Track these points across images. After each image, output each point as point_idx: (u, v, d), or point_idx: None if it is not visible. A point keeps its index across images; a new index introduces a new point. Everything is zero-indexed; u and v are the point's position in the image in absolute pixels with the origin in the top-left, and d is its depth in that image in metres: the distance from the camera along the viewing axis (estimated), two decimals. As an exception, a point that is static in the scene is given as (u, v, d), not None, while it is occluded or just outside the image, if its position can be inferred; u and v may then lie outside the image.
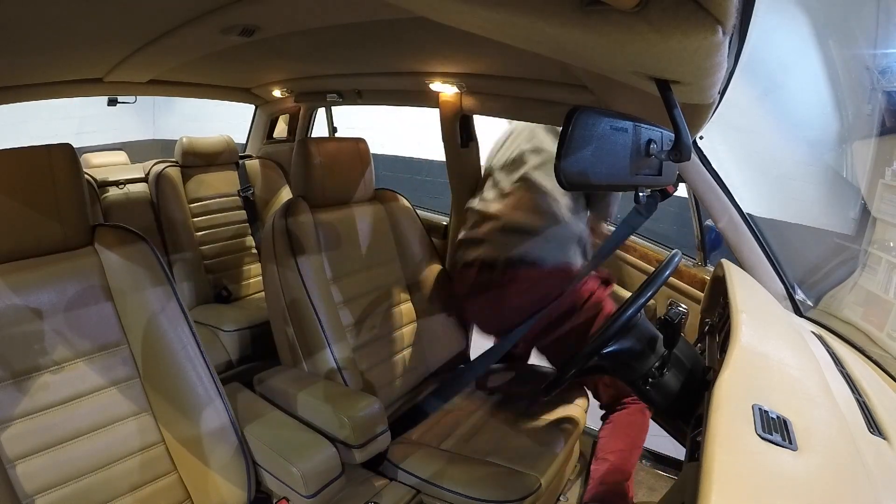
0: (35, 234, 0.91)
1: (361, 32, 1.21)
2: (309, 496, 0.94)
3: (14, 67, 1.38)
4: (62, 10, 0.95)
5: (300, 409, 1.06)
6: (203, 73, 1.90)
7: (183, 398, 0.97)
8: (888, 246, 1.53)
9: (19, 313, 0.87)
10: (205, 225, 2.21)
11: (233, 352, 1.85)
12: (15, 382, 0.86)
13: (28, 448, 0.85)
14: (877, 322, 1.39)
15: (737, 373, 0.67)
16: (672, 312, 0.91)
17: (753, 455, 0.52)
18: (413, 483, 1.12)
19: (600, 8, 0.46)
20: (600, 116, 0.64)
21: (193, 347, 0.99)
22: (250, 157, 2.51)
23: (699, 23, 0.44)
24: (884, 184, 1.55)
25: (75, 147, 0.97)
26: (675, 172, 0.87)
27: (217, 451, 0.97)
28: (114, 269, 0.97)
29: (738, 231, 1.26)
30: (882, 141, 1.62)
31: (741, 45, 0.70)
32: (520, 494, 1.04)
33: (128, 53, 1.40)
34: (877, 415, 0.75)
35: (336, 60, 1.61)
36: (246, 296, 2.25)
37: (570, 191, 1.91)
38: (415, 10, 0.81)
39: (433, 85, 1.60)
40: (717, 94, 0.76)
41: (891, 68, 1.61)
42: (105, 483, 0.91)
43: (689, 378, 0.94)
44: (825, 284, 1.50)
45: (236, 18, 1.10)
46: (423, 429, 1.30)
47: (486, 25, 0.74)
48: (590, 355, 0.96)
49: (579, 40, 0.62)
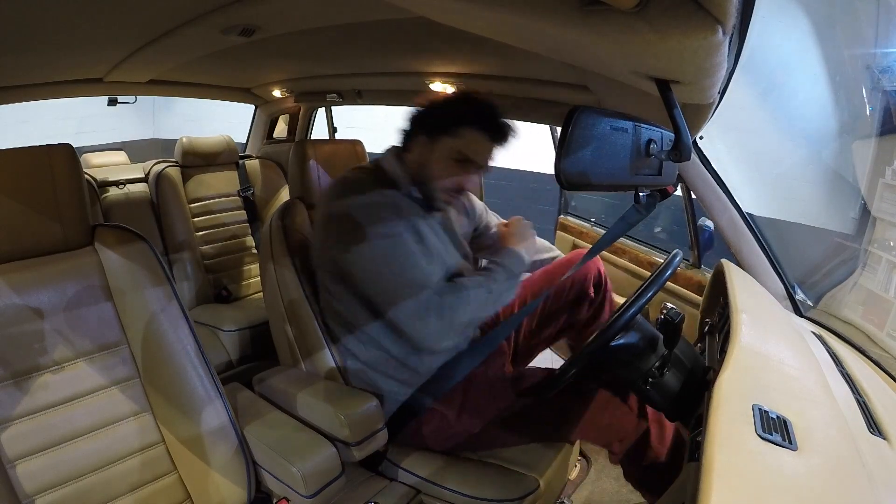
0: (35, 234, 0.92)
1: (361, 32, 1.21)
2: (309, 496, 0.94)
3: (14, 67, 1.39)
4: (62, 10, 0.95)
5: (299, 408, 1.06)
6: (203, 73, 1.90)
7: (183, 398, 0.97)
8: (888, 245, 1.54)
9: (19, 313, 0.87)
10: (205, 225, 2.21)
11: (233, 352, 1.85)
12: (15, 382, 0.86)
13: (28, 448, 0.85)
14: (877, 321, 1.39)
15: (737, 373, 0.67)
16: (672, 312, 0.91)
17: (753, 455, 0.52)
18: (413, 483, 1.12)
19: (600, 8, 0.46)
20: (600, 116, 0.64)
21: (193, 347, 0.99)
22: (250, 157, 2.51)
23: (699, 23, 0.44)
24: (884, 183, 1.55)
25: (75, 147, 0.97)
26: (675, 172, 0.87)
27: (217, 451, 0.97)
28: (114, 269, 0.97)
29: (738, 231, 1.26)
30: (882, 140, 1.62)
31: (741, 45, 0.70)
32: (519, 494, 1.04)
33: (128, 53, 1.40)
34: (877, 415, 0.75)
35: (336, 60, 1.61)
36: (246, 296, 2.25)
37: (570, 191, 1.90)
38: (415, 10, 0.81)
39: (433, 85, 1.60)
40: (717, 94, 0.76)
41: (891, 67, 1.61)
42: (105, 483, 0.91)
43: (689, 378, 0.94)
44: (825, 284, 1.50)
45: (236, 18, 1.10)
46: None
47: (486, 25, 0.74)
48: (590, 355, 0.96)
49: (579, 40, 0.62)
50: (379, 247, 1.06)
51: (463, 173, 1.11)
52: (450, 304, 1.05)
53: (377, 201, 1.09)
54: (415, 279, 1.05)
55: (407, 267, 1.06)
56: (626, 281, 1.72)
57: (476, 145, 1.10)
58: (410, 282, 1.05)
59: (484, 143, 1.10)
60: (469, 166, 1.11)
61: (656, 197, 0.96)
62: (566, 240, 2.12)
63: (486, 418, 1.15)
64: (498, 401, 1.16)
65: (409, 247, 1.07)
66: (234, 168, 2.35)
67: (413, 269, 1.06)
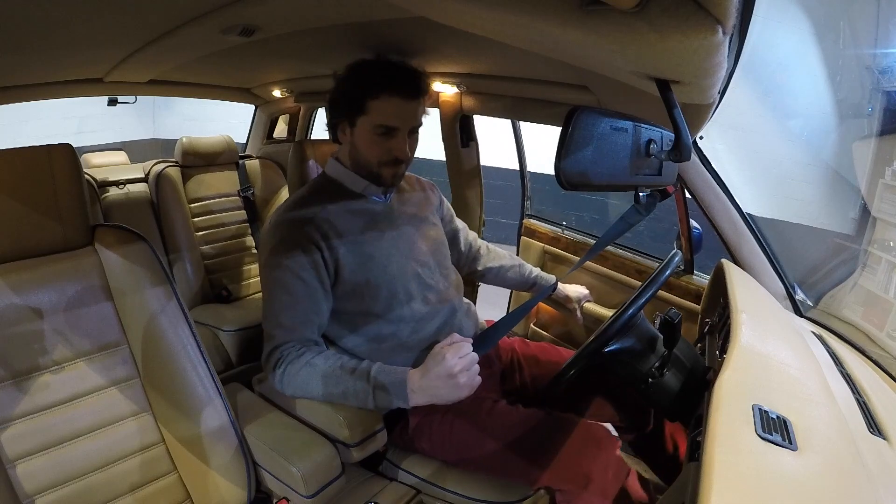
0: (35, 234, 0.92)
1: (361, 32, 1.21)
2: (309, 496, 0.94)
3: (14, 67, 1.38)
4: (62, 10, 0.95)
5: (299, 408, 1.06)
6: (203, 73, 1.90)
7: (183, 398, 0.97)
8: (888, 246, 1.53)
9: (19, 313, 0.87)
10: (205, 225, 2.21)
11: (233, 352, 1.85)
12: (15, 382, 0.86)
13: (28, 448, 0.85)
14: (877, 322, 1.39)
15: (737, 373, 0.67)
16: (671, 312, 0.91)
17: (753, 455, 0.52)
18: (413, 483, 1.12)
19: (600, 8, 0.46)
20: (600, 116, 0.64)
21: (193, 347, 0.99)
22: (250, 156, 2.51)
23: (699, 23, 0.44)
24: (884, 183, 1.55)
25: (75, 147, 0.97)
26: (675, 172, 0.87)
27: (217, 451, 0.97)
28: (114, 269, 0.97)
29: (738, 231, 1.26)
30: (882, 141, 1.62)
31: (741, 45, 0.70)
32: (519, 496, 1.04)
33: (128, 53, 1.40)
34: (877, 415, 0.75)
35: (336, 60, 1.61)
36: (246, 296, 2.25)
37: (570, 191, 1.89)
38: (415, 11, 0.81)
39: (433, 85, 1.60)
40: (717, 94, 0.76)
41: (891, 68, 1.61)
42: (105, 483, 0.91)
43: (689, 378, 0.94)
44: (825, 284, 1.50)
45: (236, 18, 1.10)
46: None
47: (486, 25, 0.74)
48: (590, 356, 0.96)
49: (579, 40, 0.62)
50: (264, 278, 1.06)
51: (391, 142, 1.06)
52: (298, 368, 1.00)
53: (280, 231, 1.05)
54: (282, 323, 1.03)
55: (275, 300, 1.04)
56: (604, 291, 1.67)
57: (391, 110, 1.03)
58: (276, 314, 1.04)
59: (397, 105, 1.03)
60: (396, 133, 1.05)
61: (656, 197, 0.96)
62: (534, 247, 1.93)
63: (476, 433, 1.08)
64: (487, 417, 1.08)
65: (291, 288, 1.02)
66: (234, 168, 2.35)
67: (281, 315, 1.03)
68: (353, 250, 1.07)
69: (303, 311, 1.03)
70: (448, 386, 0.90)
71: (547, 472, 0.99)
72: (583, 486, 0.95)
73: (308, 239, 1.03)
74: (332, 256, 1.04)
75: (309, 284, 1.03)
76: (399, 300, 1.10)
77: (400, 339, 1.11)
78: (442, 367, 0.89)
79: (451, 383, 0.89)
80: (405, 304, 1.10)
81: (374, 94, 1.02)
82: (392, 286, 1.09)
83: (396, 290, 1.10)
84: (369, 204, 1.13)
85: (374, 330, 1.10)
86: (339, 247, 1.05)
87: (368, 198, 1.13)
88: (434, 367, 0.91)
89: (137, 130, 5.94)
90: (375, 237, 1.10)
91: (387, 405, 0.96)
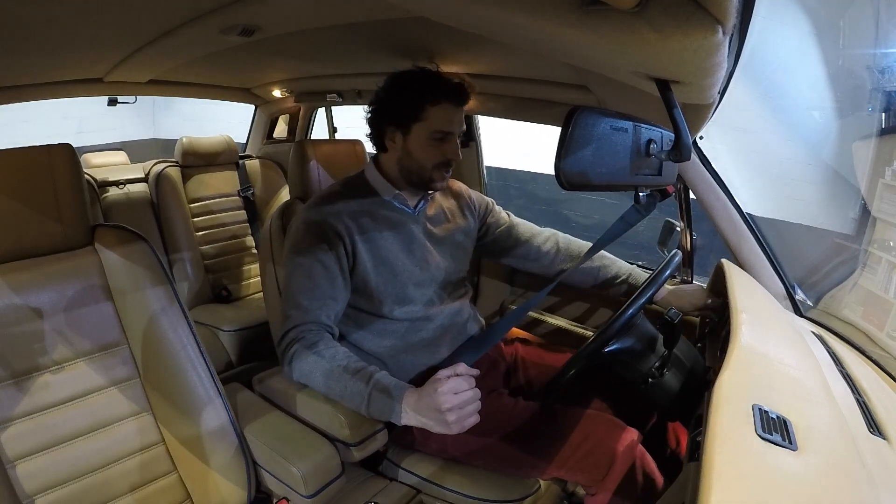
0: (35, 234, 0.92)
1: (361, 32, 1.21)
2: (309, 496, 0.94)
3: (14, 67, 1.39)
4: (63, 10, 0.95)
5: (299, 408, 1.06)
6: (203, 73, 1.90)
7: (183, 398, 0.97)
8: (888, 246, 1.53)
9: (19, 313, 0.87)
10: (205, 225, 2.21)
11: (233, 352, 1.85)
12: (15, 382, 0.86)
13: (28, 448, 0.85)
14: (877, 322, 1.39)
15: (737, 373, 0.67)
16: (671, 312, 0.91)
17: (753, 455, 0.52)
18: (413, 483, 1.12)
19: (600, 8, 0.46)
20: (600, 116, 0.64)
21: (193, 347, 0.99)
22: (250, 157, 2.51)
23: (699, 23, 0.44)
24: (884, 183, 1.55)
25: (75, 147, 0.97)
26: (675, 172, 0.87)
27: (217, 451, 0.97)
28: (114, 269, 0.97)
29: (738, 231, 1.26)
30: (882, 141, 1.62)
31: (741, 45, 0.70)
32: (519, 495, 1.04)
33: (128, 53, 1.40)
34: (877, 415, 0.75)
35: (336, 60, 1.61)
36: (246, 296, 2.25)
37: (571, 191, 1.88)
38: (415, 11, 0.82)
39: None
40: (717, 94, 0.76)
41: (891, 68, 1.61)
42: (105, 483, 0.91)
43: (689, 378, 0.94)
44: (825, 284, 1.50)
45: (236, 18, 1.10)
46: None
47: (486, 25, 0.74)
48: (590, 356, 0.96)
49: (579, 40, 0.62)
50: (287, 264, 1.09)
51: (445, 146, 1.11)
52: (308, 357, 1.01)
53: (307, 219, 1.09)
54: (299, 304, 1.05)
55: (295, 283, 1.06)
56: (581, 307, 1.64)
57: (447, 117, 1.10)
58: (294, 295, 1.06)
59: (452, 112, 1.11)
60: (448, 137, 1.11)
61: (656, 197, 0.96)
62: None
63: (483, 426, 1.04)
64: (492, 415, 1.07)
65: (312, 271, 1.06)
66: (234, 168, 2.35)
67: (300, 296, 1.05)
68: (370, 250, 1.11)
69: (320, 295, 1.06)
70: (436, 419, 0.88)
71: (556, 462, 1.00)
72: (601, 475, 0.96)
73: (333, 230, 1.07)
74: (352, 250, 1.09)
75: (330, 270, 1.06)
76: (404, 304, 1.13)
77: (404, 342, 1.13)
78: (433, 399, 0.88)
79: (439, 417, 0.87)
80: (410, 307, 1.14)
81: (433, 102, 1.08)
82: (400, 292, 1.13)
83: (404, 295, 1.13)
84: (394, 212, 1.17)
85: (379, 329, 1.13)
86: (360, 243, 1.09)
87: (394, 205, 1.17)
88: (426, 397, 0.89)
89: (137, 130, 5.95)
90: (392, 242, 1.14)
91: (379, 416, 0.96)
